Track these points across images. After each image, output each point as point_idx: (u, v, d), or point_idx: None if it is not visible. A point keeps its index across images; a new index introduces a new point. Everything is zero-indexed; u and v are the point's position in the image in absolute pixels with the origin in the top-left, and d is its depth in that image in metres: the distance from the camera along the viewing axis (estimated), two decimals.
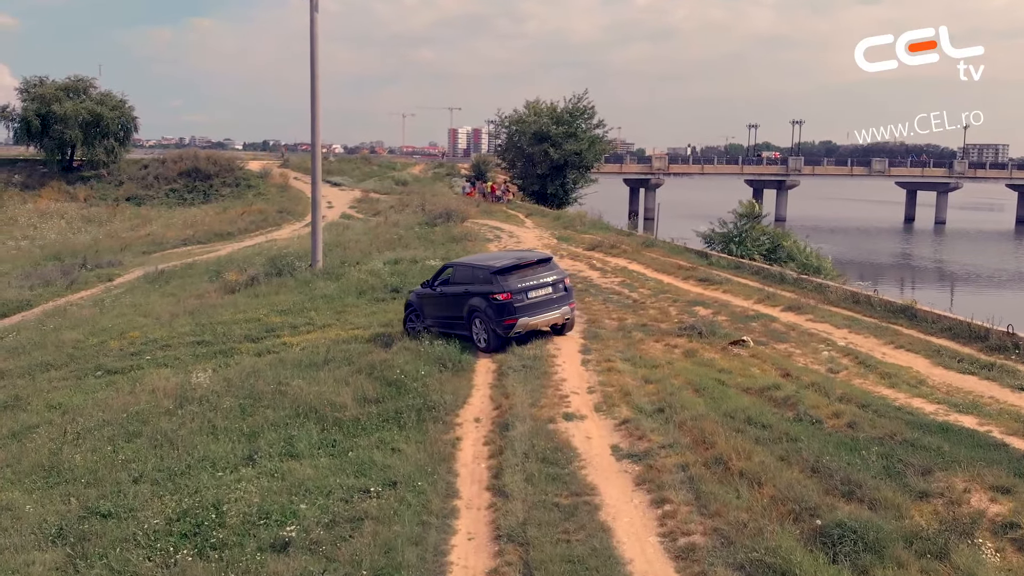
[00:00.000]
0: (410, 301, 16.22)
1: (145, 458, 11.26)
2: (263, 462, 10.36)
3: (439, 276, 15.81)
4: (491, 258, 16.97)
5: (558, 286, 14.53)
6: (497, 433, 10.66)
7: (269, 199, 55.75)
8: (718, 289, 19.22)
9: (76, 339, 20.54)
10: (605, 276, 21.60)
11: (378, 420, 11.37)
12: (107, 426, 12.91)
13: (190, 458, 10.92)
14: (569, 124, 49.51)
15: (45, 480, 11.19)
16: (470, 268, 15.28)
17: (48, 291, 30.55)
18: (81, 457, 11.65)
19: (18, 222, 52.28)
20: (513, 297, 13.92)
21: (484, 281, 14.32)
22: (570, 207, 49.54)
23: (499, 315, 13.96)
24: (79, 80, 62.40)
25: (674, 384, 11.86)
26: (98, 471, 11.06)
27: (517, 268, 14.41)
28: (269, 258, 26.38)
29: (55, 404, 15.05)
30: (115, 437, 12.33)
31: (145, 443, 11.83)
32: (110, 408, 13.76)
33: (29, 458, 12.07)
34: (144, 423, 12.68)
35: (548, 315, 14.45)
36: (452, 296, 14.97)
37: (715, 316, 16.06)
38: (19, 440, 13.13)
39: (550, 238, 30.53)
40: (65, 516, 9.65)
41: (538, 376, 12.69)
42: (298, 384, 12.97)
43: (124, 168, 61.90)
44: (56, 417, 14.16)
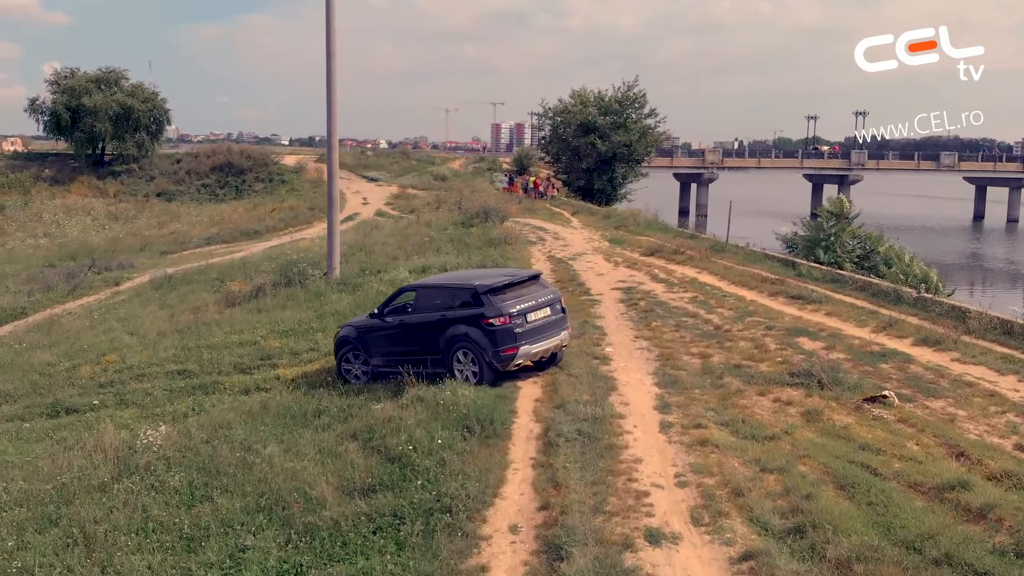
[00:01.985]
0: (345, 336, 13.14)
1: (48, 568, 7.92)
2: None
3: (391, 302, 12.97)
4: (472, 276, 13.76)
5: (555, 307, 12.28)
6: (544, 563, 7.03)
7: (302, 195, 52.93)
8: (818, 310, 15.34)
9: (47, 362, 17.59)
10: (672, 290, 17.81)
11: (367, 529, 7.79)
12: (23, 504, 9.67)
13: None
14: (618, 114, 45.54)
15: None
16: (446, 289, 12.52)
17: (47, 297, 27.84)
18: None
19: (42, 218, 50.12)
20: (512, 321, 11.28)
21: (470, 304, 11.68)
22: (618, 204, 45.64)
23: (496, 344, 11.31)
24: (110, 72, 60.08)
25: (804, 474, 8.12)
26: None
27: (510, 286, 11.97)
28: (280, 264, 23.03)
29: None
30: (25, 524, 9.04)
31: (57, 540, 8.49)
32: (37, 474, 10.51)
33: None
34: (68, 503, 9.39)
35: (549, 341, 12.02)
36: (419, 325, 12.20)
37: (829, 353, 12.20)
38: None
39: (600, 240, 26.78)
40: None
41: (601, 452, 9.02)
42: (270, 453, 9.54)
43: (156, 163, 59.67)
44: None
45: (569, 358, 12.76)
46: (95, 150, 58.66)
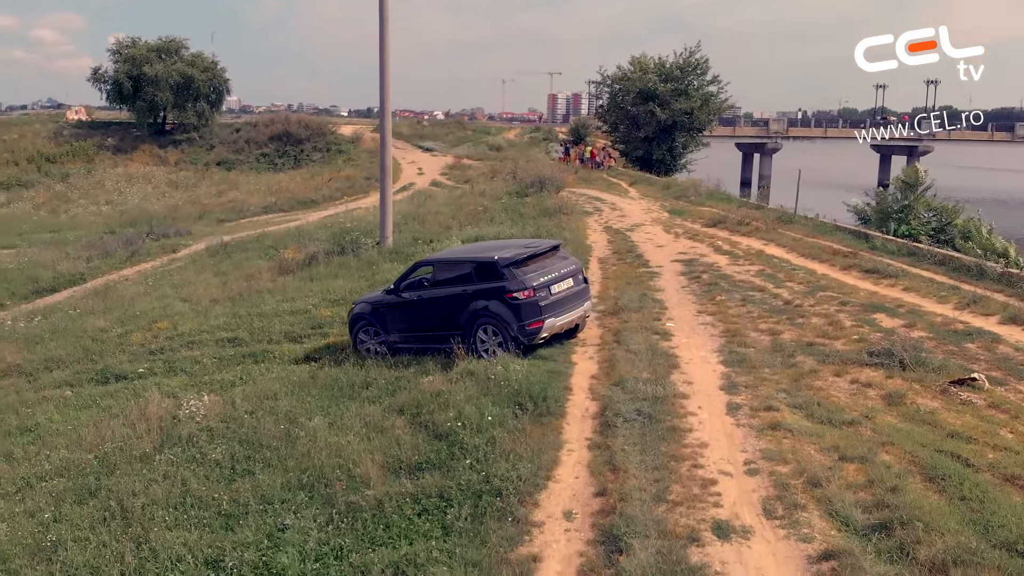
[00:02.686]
0: (361, 313, 12.72)
1: (83, 542, 7.63)
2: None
3: (407, 277, 12.49)
4: (491, 248, 13.18)
5: (577, 277, 11.92)
6: (601, 554, 6.45)
7: (358, 165, 52.94)
8: (895, 285, 14.36)
9: (100, 328, 17.60)
10: (737, 263, 16.95)
11: (412, 511, 7.30)
12: (63, 474, 9.48)
13: (135, 555, 7.21)
14: (679, 81, 44.12)
15: None
16: (466, 263, 11.97)
17: (106, 263, 28.22)
18: (7, 528, 8.23)
19: (105, 186, 50.97)
20: (536, 294, 10.92)
21: (492, 277, 11.22)
22: (678, 174, 44.38)
23: (521, 319, 10.93)
24: (171, 41, 60.61)
25: (888, 463, 7.36)
26: (14, 559, 7.55)
27: (532, 258, 11.55)
28: (334, 232, 22.74)
29: (29, 427, 11.89)
30: (64, 496, 8.82)
31: (94, 512, 8.23)
32: (80, 443, 10.31)
33: None
34: (109, 473, 9.15)
35: (573, 313, 11.68)
36: (438, 301, 11.74)
37: (910, 331, 11.30)
38: None
39: (660, 211, 25.89)
40: None
41: (663, 435, 8.37)
42: (315, 426, 9.13)
43: (216, 132, 60.22)
44: (20, 448, 10.89)
45: (628, 333, 12.12)
46: (156, 119, 59.38)
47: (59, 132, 59.68)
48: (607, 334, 12.34)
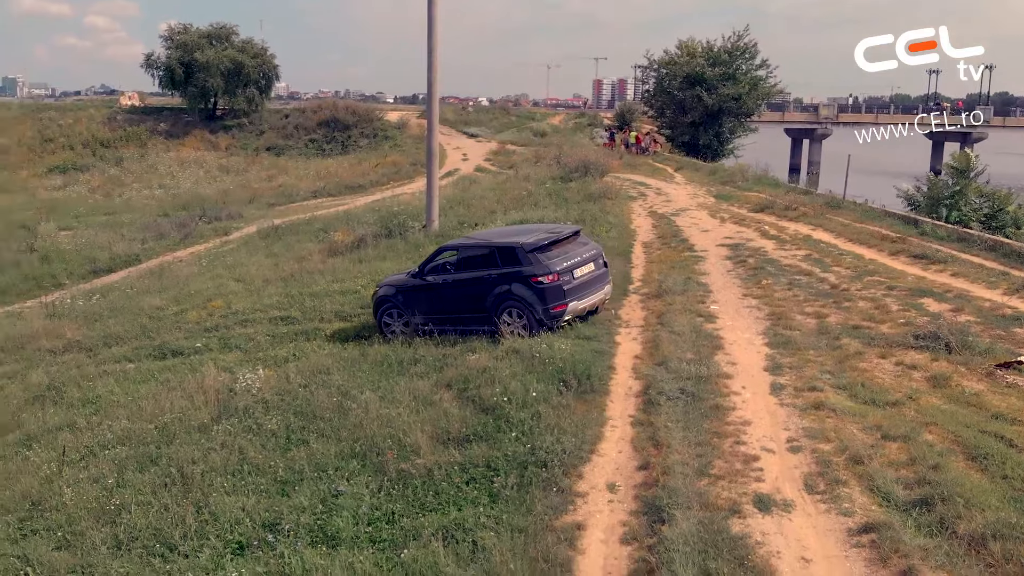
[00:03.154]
0: (385, 296, 13.08)
1: (145, 506, 8.03)
2: (281, 545, 6.83)
3: (431, 261, 12.80)
4: (515, 233, 13.42)
5: (598, 262, 12.28)
6: (643, 524, 6.62)
7: (405, 151, 53.37)
8: (944, 271, 14.20)
9: (157, 306, 18.17)
10: (784, 248, 16.88)
11: (460, 480, 7.56)
12: (125, 443, 9.91)
13: (195, 518, 7.57)
14: (727, 65, 43.71)
15: (19, 526, 8.26)
16: (490, 248, 12.20)
17: (160, 245, 29.00)
18: (72, 493, 8.62)
19: (157, 170, 52.04)
20: (560, 279, 11.32)
21: (516, 262, 11.58)
22: (725, 160, 43.97)
23: (546, 302, 11.29)
24: (221, 28, 61.64)
25: (931, 443, 7.40)
26: (81, 521, 7.97)
27: (555, 244, 11.90)
28: (382, 216, 23.12)
29: (91, 398, 12.41)
30: (126, 463, 9.25)
31: (155, 479, 8.63)
32: (141, 414, 10.76)
33: (21, 483, 9.23)
34: (168, 442, 9.56)
35: (595, 296, 12.06)
36: (463, 284, 12.09)
37: (957, 315, 11.23)
38: (24, 451, 10.31)
39: (706, 196, 25.76)
40: None
41: (706, 412, 8.49)
42: (366, 400, 9.42)
43: (265, 117, 61.10)
44: (84, 418, 11.39)
45: (671, 315, 12.21)
46: (207, 105, 60.44)
47: (113, 117, 61.13)
48: (650, 316, 12.43)
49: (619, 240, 18.24)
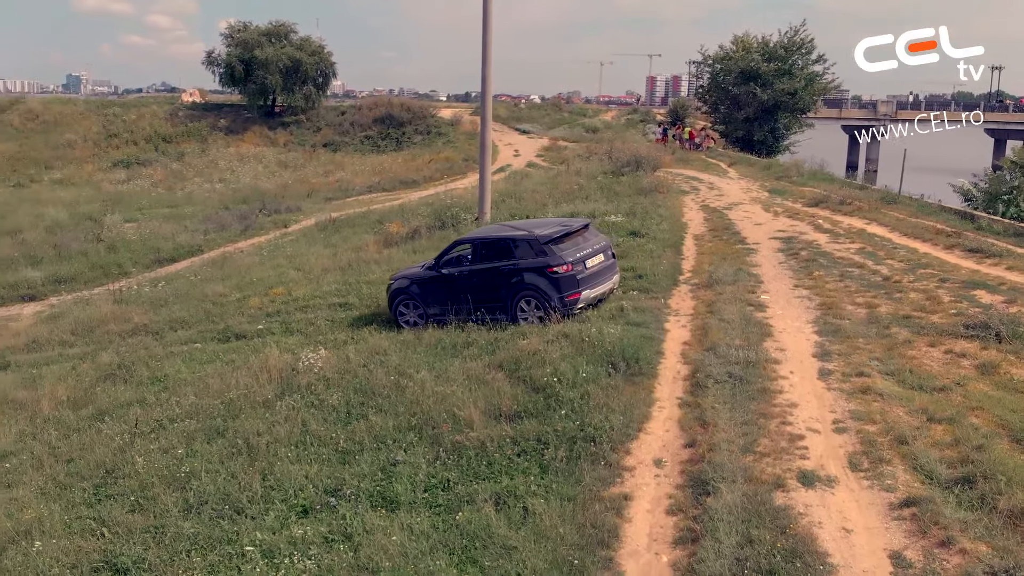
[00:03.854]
0: (401, 288, 13.61)
1: (213, 473, 8.50)
2: (344, 507, 7.22)
3: (447, 254, 13.37)
4: (529, 226, 13.75)
5: (607, 253, 12.91)
6: (689, 496, 6.85)
7: (458, 147, 53.88)
8: (998, 264, 14.08)
9: (220, 293, 18.82)
10: (837, 241, 16.84)
11: (512, 452, 7.88)
12: (193, 416, 10.43)
13: (261, 485, 8.02)
14: (783, 60, 43.19)
15: (94, 492, 8.81)
16: (505, 240, 12.72)
17: (222, 236, 29.79)
18: (144, 461, 9.17)
19: (218, 165, 53.35)
20: (574, 268, 11.92)
21: (532, 253, 12.15)
22: (780, 156, 43.53)
23: (561, 291, 11.84)
24: (280, 25, 62.72)
25: (976, 425, 7.49)
26: (152, 487, 8.48)
27: (567, 235, 12.48)
28: (435, 209, 23.57)
29: (159, 376, 12.97)
30: (194, 435, 9.76)
31: (222, 449, 9.11)
32: (207, 391, 11.29)
33: (95, 453, 9.81)
34: (234, 417, 10.04)
35: (605, 286, 12.58)
36: (479, 275, 12.58)
37: (1009, 307, 11.17)
38: (98, 424, 10.92)
39: (759, 191, 25.69)
40: (78, 564, 7.09)
41: (753, 395, 8.67)
42: (422, 378, 9.80)
43: (322, 114, 62.13)
44: (152, 395, 11.98)
45: (721, 304, 12.34)
46: (266, 101, 61.66)
47: (175, 113, 62.84)
48: (700, 305, 12.58)
49: (670, 233, 18.35)
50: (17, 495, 9.24)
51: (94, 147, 57.08)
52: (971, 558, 5.56)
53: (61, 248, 27.87)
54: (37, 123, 61.27)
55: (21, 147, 56.01)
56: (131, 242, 28.86)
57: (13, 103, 67.42)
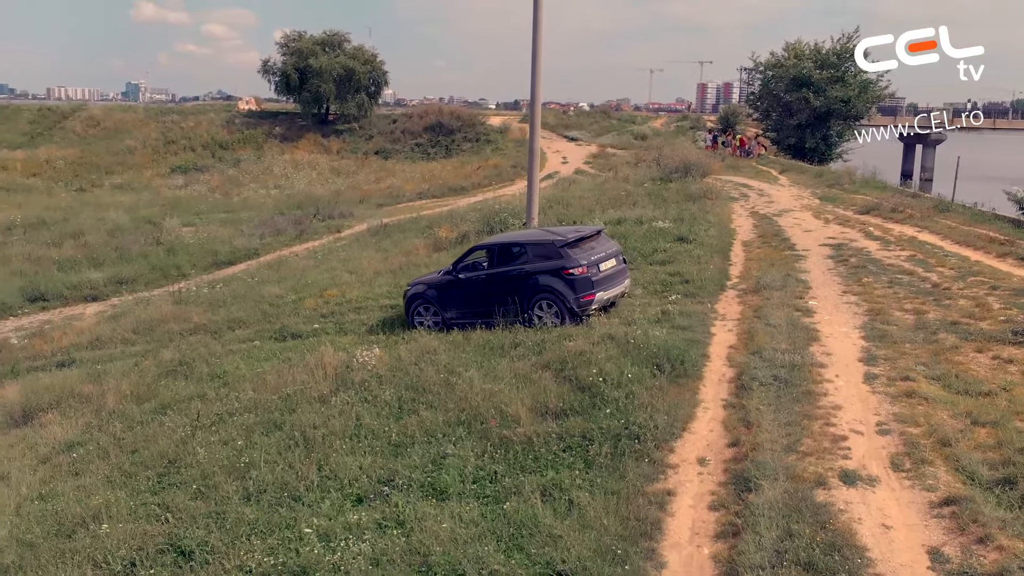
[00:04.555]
0: (419, 293, 14.22)
1: (272, 464, 8.88)
2: (396, 496, 7.53)
3: (463, 260, 13.94)
4: (546, 232, 14.53)
5: (619, 258, 13.43)
6: (731, 493, 7.01)
7: (506, 154, 54.33)
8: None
9: (276, 294, 19.38)
10: (887, 248, 16.75)
11: (557, 447, 8.12)
12: (252, 411, 10.83)
13: (317, 474, 8.37)
14: (835, 67, 42.67)
15: (158, 480, 9.23)
16: (522, 246, 13.39)
17: (277, 240, 30.52)
18: (205, 452, 9.57)
19: (273, 171, 54.51)
20: (589, 271, 12.46)
21: (550, 257, 12.74)
22: (833, 164, 43.02)
23: (576, 292, 12.38)
24: (334, 35, 63.93)
25: (1021, 429, 7.50)
26: (214, 476, 8.86)
27: (582, 240, 13.04)
28: (483, 214, 23.93)
29: (219, 373, 13.43)
30: (253, 428, 10.15)
31: (280, 441, 9.49)
32: (265, 386, 11.70)
33: (158, 444, 10.25)
34: (291, 411, 10.43)
35: (617, 288, 13.13)
36: (496, 280, 13.12)
37: None
38: (160, 417, 11.40)
39: (810, 198, 25.57)
40: (144, 546, 7.44)
41: (798, 397, 8.78)
42: (471, 377, 10.08)
43: (374, 122, 63.16)
44: (212, 390, 12.43)
45: (768, 309, 12.43)
46: (320, 109, 62.90)
47: (231, 121, 64.46)
48: (747, 310, 12.68)
49: (718, 239, 18.42)
50: (84, 482, 9.71)
51: (153, 153, 58.85)
52: (1008, 554, 5.63)
53: (122, 250, 28.86)
54: (98, 130, 63.41)
55: (83, 153, 58.00)
56: (189, 245, 29.71)
57: (75, 110, 69.83)
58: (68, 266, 26.92)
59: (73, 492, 9.45)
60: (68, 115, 67.22)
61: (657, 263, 16.21)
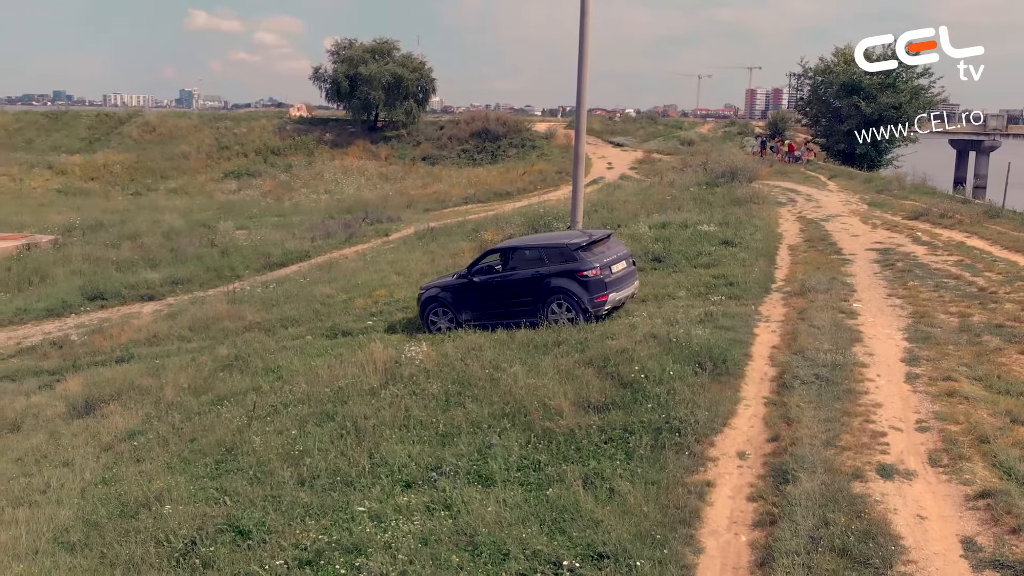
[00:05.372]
0: (434, 296, 14.75)
1: (325, 452, 9.26)
2: (444, 482, 7.84)
3: (477, 264, 14.43)
4: (558, 236, 15.09)
5: (628, 260, 13.89)
6: (770, 485, 7.18)
7: (551, 160, 54.56)
8: None
9: (327, 294, 19.91)
10: (935, 253, 16.65)
11: (599, 439, 8.36)
12: (305, 402, 11.26)
13: (368, 461, 8.73)
14: (887, 73, 42.16)
15: (216, 467, 9.69)
16: (537, 249, 13.95)
17: (328, 243, 31.15)
18: (261, 441, 10.00)
19: (323, 177, 55.51)
20: (602, 272, 12.94)
21: (564, 259, 13.21)
22: (883, 170, 42.48)
23: (590, 292, 12.84)
24: (384, 42, 64.75)
25: None
26: (270, 463, 9.29)
27: (594, 243, 13.52)
28: (528, 218, 24.24)
29: (273, 367, 13.90)
30: (306, 419, 10.57)
31: (332, 431, 9.88)
32: (318, 380, 12.14)
33: (215, 433, 10.73)
34: (343, 403, 10.82)
35: (628, 289, 13.55)
36: (511, 282, 13.62)
37: None
38: (217, 408, 11.89)
39: (859, 203, 25.40)
40: (204, 526, 7.84)
41: (839, 395, 8.89)
42: (515, 372, 10.37)
43: (422, 129, 63.86)
44: (267, 383, 12.90)
45: (813, 311, 12.50)
46: (369, 116, 63.77)
47: (283, 127, 65.74)
48: (791, 312, 12.76)
49: (764, 242, 18.47)
50: (146, 468, 10.22)
51: (207, 159, 60.30)
52: None
53: (177, 252, 29.74)
54: (154, 135, 65.22)
55: (139, 158, 59.69)
56: (243, 247, 30.45)
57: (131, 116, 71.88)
58: (126, 266, 27.86)
59: (135, 477, 9.95)
60: (124, 121, 69.24)
61: (701, 266, 16.34)
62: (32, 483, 10.40)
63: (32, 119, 71.19)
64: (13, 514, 9.35)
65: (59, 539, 8.47)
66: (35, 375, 17.44)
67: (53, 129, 67.48)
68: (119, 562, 7.60)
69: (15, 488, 10.35)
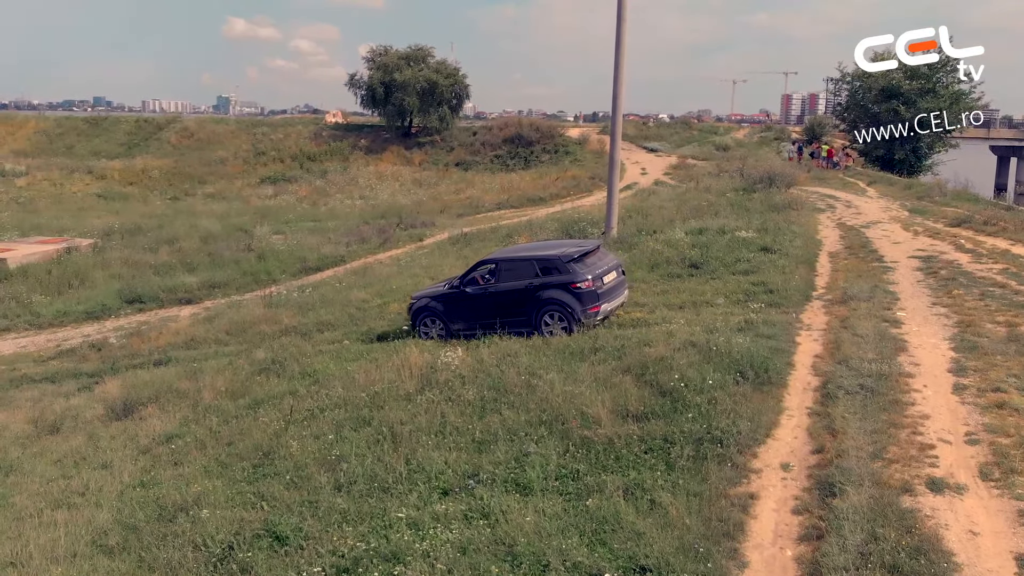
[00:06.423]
0: (425, 306, 14.86)
1: (361, 457, 9.24)
2: (481, 490, 7.77)
3: (468, 275, 14.47)
4: (550, 247, 15.05)
5: (619, 271, 14.06)
6: (816, 498, 7.01)
7: (584, 165, 54.46)
8: None
9: (362, 299, 20.01)
10: (979, 261, 16.27)
11: (639, 449, 8.23)
12: (341, 407, 11.25)
13: (405, 467, 8.69)
14: (926, 78, 41.41)
15: (253, 471, 9.71)
16: (530, 261, 13.86)
17: (362, 248, 31.38)
18: (298, 445, 10.02)
19: (358, 183, 55.92)
20: (594, 284, 13.07)
21: (556, 271, 13.30)
22: (923, 176, 41.75)
23: (583, 304, 12.99)
24: (419, 49, 65.18)
25: None
26: (307, 467, 9.30)
27: (585, 255, 13.59)
28: (562, 224, 24.15)
29: (309, 371, 13.94)
30: (343, 423, 10.56)
31: (369, 436, 9.86)
32: (354, 385, 12.13)
33: (252, 437, 10.76)
34: (379, 408, 10.80)
35: (619, 299, 13.78)
36: (503, 293, 13.69)
37: None
38: (254, 412, 11.93)
39: (899, 210, 24.94)
40: (241, 531, 7.85)
41: (884, 406, 8.68)
42: (551, 379, 10.27)
43: (455, 135, 64.10)
44: (304, 387, 12.93)
45: (855, 320, 12.27)
46: (404, 122, 64.16)
47: (318, 133, 66.40)
48: (833, 320, 12.53)
49: (803, 249, 18.20)
50: (183, 472, 10.27)
51: (244, 164, 61.02)
52: None
53: (214, 256, 30.13)
54: (192, 141, 66.17)
55: (177, 163, 60.59)
56: (279, 252, 30.76)
57: (170, 122, 73.06)
58: (163, 270, 28.28)
59: (172, 480, 10.01)
60: (163, 127, 70.37)
61: (740, 273, 16.14)
62: (71, 485, 10.52)
63: (73, 124, 72.62)
64: (52, 516, 9.45)
65: (97, 542, 8.54)
66: (74, 377, 17.71)
67: (93, 134, 68.77)
68: (157, 566, 7.64)
69: (54, 490, 10.48)
